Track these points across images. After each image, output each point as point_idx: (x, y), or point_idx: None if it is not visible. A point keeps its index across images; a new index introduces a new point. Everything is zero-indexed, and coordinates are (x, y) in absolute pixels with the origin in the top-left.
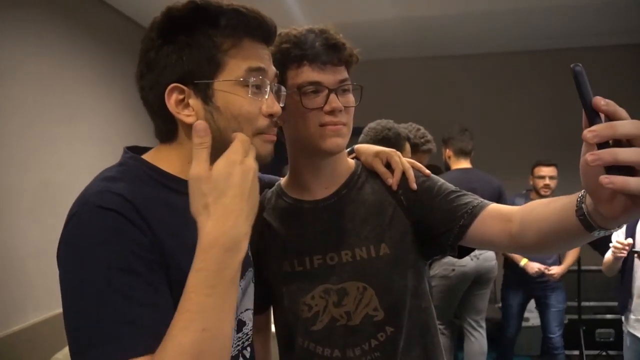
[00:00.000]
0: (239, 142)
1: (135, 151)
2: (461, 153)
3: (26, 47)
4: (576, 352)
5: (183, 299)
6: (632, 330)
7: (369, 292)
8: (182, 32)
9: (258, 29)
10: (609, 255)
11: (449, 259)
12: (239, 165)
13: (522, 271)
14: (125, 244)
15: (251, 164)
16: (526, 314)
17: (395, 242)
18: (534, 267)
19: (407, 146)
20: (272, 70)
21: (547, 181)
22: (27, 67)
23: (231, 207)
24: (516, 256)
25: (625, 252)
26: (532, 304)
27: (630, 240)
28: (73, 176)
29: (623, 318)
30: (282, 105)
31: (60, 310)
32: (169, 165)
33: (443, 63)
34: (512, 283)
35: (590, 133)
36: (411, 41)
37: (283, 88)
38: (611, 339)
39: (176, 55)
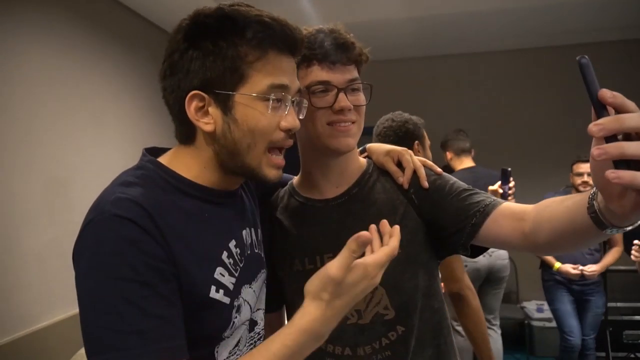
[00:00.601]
0: (386, 255)
1: (153, 152)
2: (461, 152)
3: (52, 51)
4: (602, 354)
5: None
6: None
7: (379, 291)
8: (208, 38)
9: (284, 41)
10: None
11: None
12: (369, 280)
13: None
14: (140, 255)
15: (378, 280)
16: (550, 315)
17: (406, 241)
18: (568, 270)
19: (425, 133)
20: (296, 84)
21: (585, 178)
22: (53, 70)
23: (339, 310)
24: (549, 259)
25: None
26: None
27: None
28: (95, 179)
29: None
30: (301, 117)
31: (65, 314)
32: (186, 170)
33: (454, 62)
34: (552, 285)
35: (596, 127)
36: (422, 40)
37: (305, 101)
38: (639, 341)
39: (200, 62)
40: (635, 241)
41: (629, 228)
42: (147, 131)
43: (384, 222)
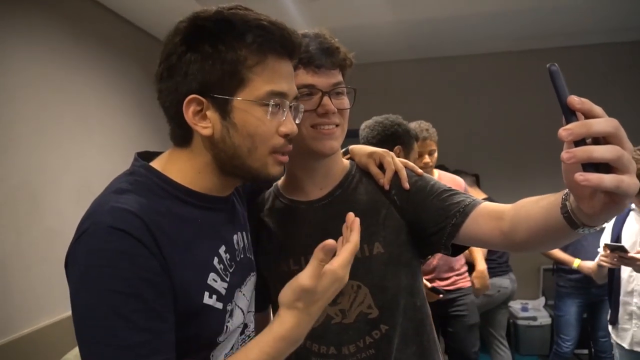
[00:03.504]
0: (350, 253)
1: (145, 157)
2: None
3: (35, 55)
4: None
5: None
6: (619, 341)
7: (363, 290)
8: (207, 41)
9: (283, 45)
10: (596, 261)
11: (493, 281)
12: (339, 282)
13: (578, 278)
14: (134, 268)
15: (347, 279)
16: (534, 313)
17: (389, 241)
18: (588, 266)
19: (416, 146)
20: (293, 90)
21: None
22: (37, 74)
23: (313, 315)
24: (567, 258)
25: (609, 261)
26: (541, 302)
27: (604, 252)
28: (82, 183)
29: (610, 328)
30: (297, 122)
31: (62, 315)
32: (180, 175)
33: (441, 65)
34: (566, 292)
35: (565, 131)
36: (409, 44)
37: (302, 106)
38: None
39: (199, 65)
40: (602, 248)
41: (599, 228)
42: (133, 135)
43: (350, 214)
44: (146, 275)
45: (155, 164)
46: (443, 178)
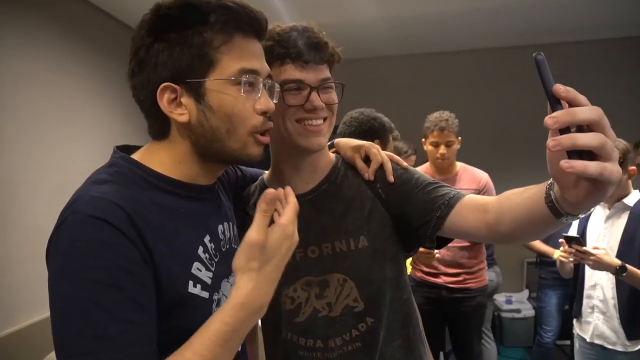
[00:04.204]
0: (293, 210)
1: (125, 150)
2: None
3: (20, 53)
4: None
5: (198, 341)
6: (581, 333)
7: (348, 284)
8: (172, 29)
9: (249, 24)
10: (557, 256)
11: None
12: (290, 239)
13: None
14: (114, 258)
15: (297, 238)
16: (518, 306)
17: (374, 234)
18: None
19: (391, 138)
20: (265, 67)
21: None
22: (21, 70)
23: (270, 276)
24: (548, 250)
25: (566, 257)
26: (525, 294)
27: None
28: (68, 179)
29: (574, 321)
30: (275, 101)
31: (45, 314)
32: (160, 165)
33: (427, 61)
34: (547, 284)
35: (551, 119)
36: (395, 40)
37: (277, 85)
38: None
39: (167, 53)
40: (562, 240)
41: (582, 216)
42: (119, 132)
43: (288, 188)
44: (126, 265)
45: (135, 156)
46: (466, 171)
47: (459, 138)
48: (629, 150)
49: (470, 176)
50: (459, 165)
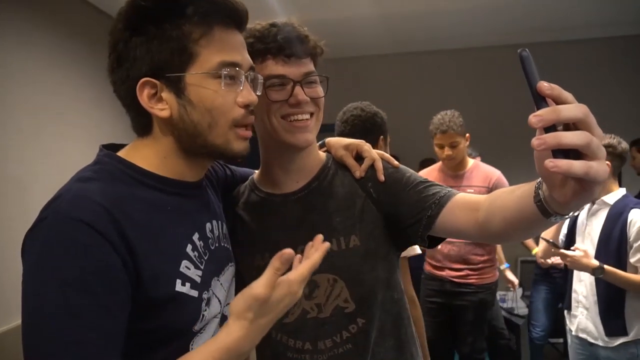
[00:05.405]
0: (309, 269)
1: (111, 148)
2: None
3: (10, 48)
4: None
5: None
6: (570, 327)
7: (339, 284)
8: (149, 22)
9: (228, 15)
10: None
11: None
12: (292, 296)
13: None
14: (89, 262)
15: (300, 294)
16: (512, 304)
17: (365, 234)
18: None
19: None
20: (247, 60)
21: None
22: (14, 68)
23: (263, 328)
24: (528, 243)
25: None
26: (519, 292)
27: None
28: (59, 175)
29: (565, 313)
30: (258, 93)
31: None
32: (145, 161)
33: (422, 59)
34: (537, 280)
35: (535, 118)
36: (389, 38)
37: (260, 76)
38: None
39: (145, 47)
40: (543, 238)
41: (570, 215)
42: (109, 128)
43: (319, 237)
44: (102, 270)
45: (120, 153)
46: (478, 168)
47: (467, 135)
48: (613, 146)
49: (481, 174)
50: (471, 162)
